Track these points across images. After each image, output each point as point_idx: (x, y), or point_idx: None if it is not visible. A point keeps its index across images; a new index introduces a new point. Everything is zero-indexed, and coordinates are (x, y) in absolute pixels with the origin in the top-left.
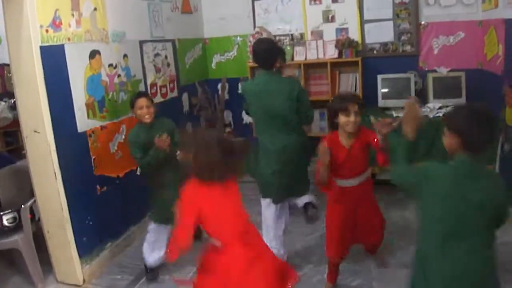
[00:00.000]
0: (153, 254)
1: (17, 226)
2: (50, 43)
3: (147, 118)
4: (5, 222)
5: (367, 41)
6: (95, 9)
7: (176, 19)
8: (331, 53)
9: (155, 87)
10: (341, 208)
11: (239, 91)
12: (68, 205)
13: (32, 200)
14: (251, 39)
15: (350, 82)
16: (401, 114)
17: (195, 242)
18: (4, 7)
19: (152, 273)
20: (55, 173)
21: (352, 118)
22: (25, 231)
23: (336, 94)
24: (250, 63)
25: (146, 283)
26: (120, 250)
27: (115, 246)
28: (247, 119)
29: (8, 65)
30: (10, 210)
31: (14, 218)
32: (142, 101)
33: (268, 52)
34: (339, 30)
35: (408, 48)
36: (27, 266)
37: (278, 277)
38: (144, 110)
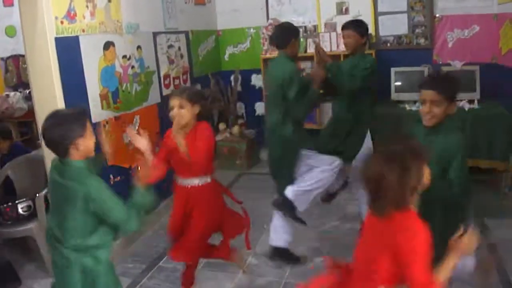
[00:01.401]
0: None
1: (31, 214)
2: (65, 35)
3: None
4: (20, 211)
5: (381, 33)
6: (109, 0)
7: (190, 11)
8: None
9: (168, 79)
10: None
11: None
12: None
13: (46, 189)
14: (264, 31)
15: None
16: (414, 108)
17: None
18: None
19: None
20: None
21: None
22: (39, 220)
23: None
24: (263, 55)
25: (158, 271)
26: (133, 239)
27: (128, 235)
28: (259, 111)
29: (23, 56)
30: (25, 199)
31: (29, 206)
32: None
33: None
34: None
35: (422, 41)
36: (41, 254)
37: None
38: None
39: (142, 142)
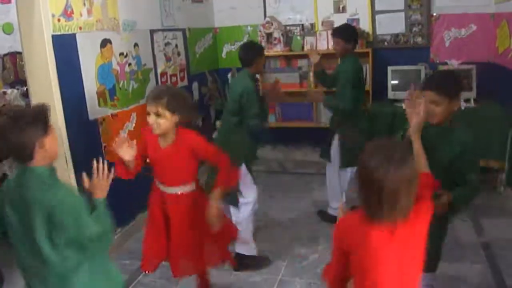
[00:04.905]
0: None
1: None
2: (62, 32)
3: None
4: None
5: (378, 32)
6: None
7: (187, 8)
8: None
9: (165, 76)
10: None
11: None
12: (79, 192)
13: None
14: (261, 28)
15: None
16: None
17: None
18: None
19: None
20: (66, 160)
21: None
22: None
23: None
24: None
25: None
26: (129, 236)
27: (125, 232)
28: None
29: (20, 53)
30: None
31: None
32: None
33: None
34: (350, 21)
35: (419, 40)
36: None
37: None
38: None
39: (129, 153)
